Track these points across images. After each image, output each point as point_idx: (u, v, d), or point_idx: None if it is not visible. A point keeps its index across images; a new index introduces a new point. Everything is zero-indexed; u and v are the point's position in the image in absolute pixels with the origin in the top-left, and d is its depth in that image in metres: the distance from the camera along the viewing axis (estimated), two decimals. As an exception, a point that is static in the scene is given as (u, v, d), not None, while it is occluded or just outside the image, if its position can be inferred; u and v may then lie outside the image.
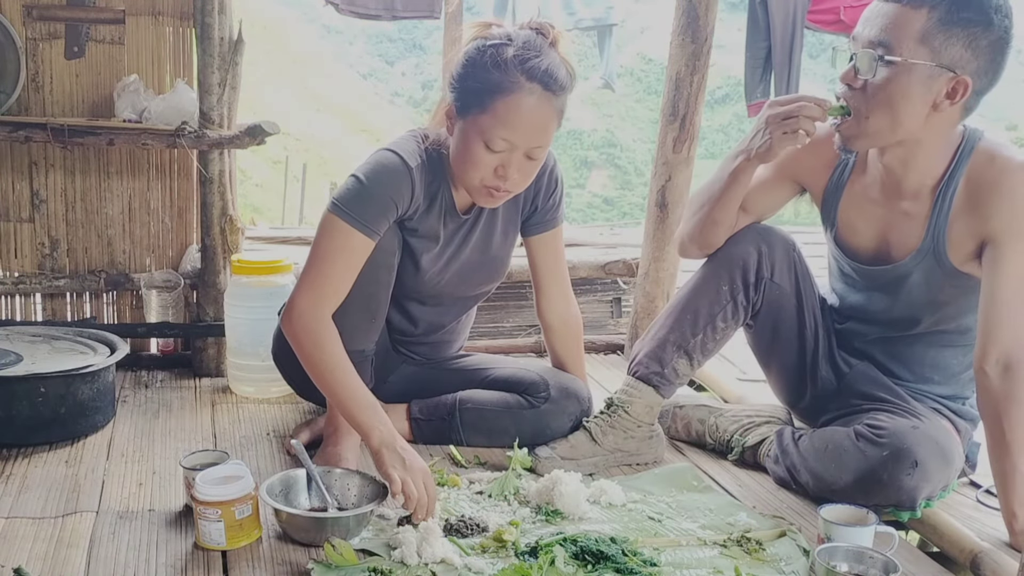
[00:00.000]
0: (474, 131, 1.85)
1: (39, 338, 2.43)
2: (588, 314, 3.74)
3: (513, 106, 1.81)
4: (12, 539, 1.69)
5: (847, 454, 1.89)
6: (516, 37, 1.85)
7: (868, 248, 2.02)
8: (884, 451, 1.84)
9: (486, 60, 1.83)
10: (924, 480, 1.83)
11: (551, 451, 2.08)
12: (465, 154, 1.88)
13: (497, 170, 1.86)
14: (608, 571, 1.61)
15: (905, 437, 1.84)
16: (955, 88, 1.75)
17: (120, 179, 2.76)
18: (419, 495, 1.74)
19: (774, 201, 2.13)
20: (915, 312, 2.00)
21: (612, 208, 25.76)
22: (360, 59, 30.80)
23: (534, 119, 1.83)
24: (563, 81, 1.85)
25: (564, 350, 2.29)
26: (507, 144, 1.83)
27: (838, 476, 1.89)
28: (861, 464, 1.87)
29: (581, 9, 4.96)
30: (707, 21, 2.85)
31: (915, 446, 1.83)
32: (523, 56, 1.81)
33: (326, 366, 1.87)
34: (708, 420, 2.24)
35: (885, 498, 1.85)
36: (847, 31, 4.58)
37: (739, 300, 2.07)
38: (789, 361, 2.16)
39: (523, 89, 1.81)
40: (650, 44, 28.00)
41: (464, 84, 1.87)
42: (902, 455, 1.82)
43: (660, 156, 2.98)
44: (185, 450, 2.04)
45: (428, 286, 2.12)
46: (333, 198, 1.93)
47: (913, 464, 1.82)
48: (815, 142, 1.93)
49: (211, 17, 2.53)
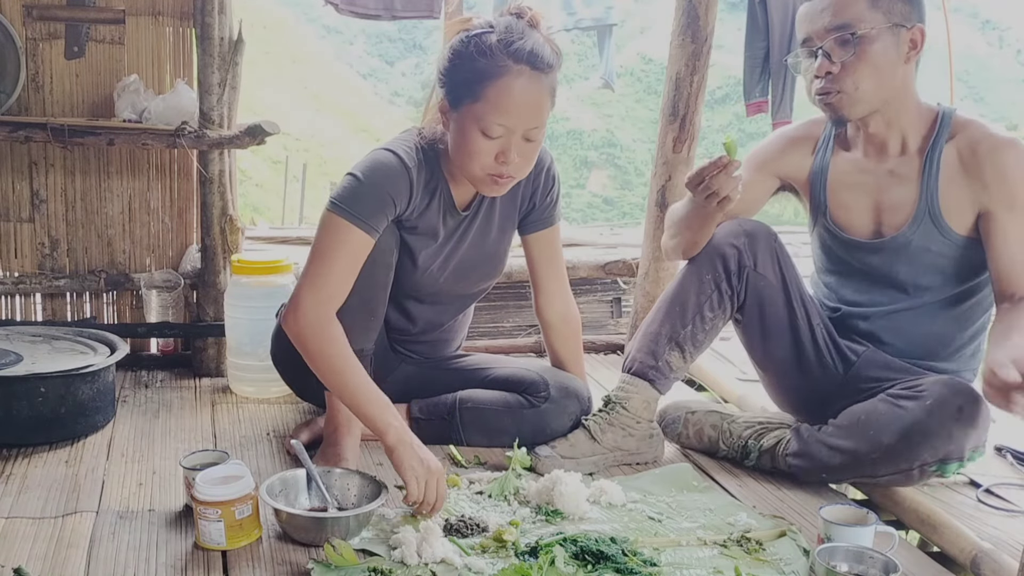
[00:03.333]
0: (469, 121, 1.85)
1: (39, 338, 2.43)
2: (588, 314, 3.73)
3: (504, 89, 1.82)
4: (12, 539, 1.69)
5: (885, 417, 1.92)
6: (497, 24, 1.87)
7: (863, 224, 2.09)
8: (927, 400, 1.89)
9: (471, 50, 1.85)
10: (971, 426, 1.88)
11: (551, 450, 2.07)
12: (464, 145, 1.88)
13: (498, 156, 1.87)
14: (608, 571, 1.61)
15: (945, 386, 1.91)
16: (914, 39, 1.94)
17: (120, 179, 2.76)
18: (434, 496, 1.77)
19: (756, 197, 2.21)
20: (918, 279, 2.05)
21: (612, 208, 25.75)
22: (360, 59, 30.80)
23: (526, 100, 1.84)
24: (549, 59, 1.87)
25: (563, 348, 2.29)
26: (504, 129, 1.84)
27: (877, 442, 1.92)
28: (905, 421, 1.90)
29: (581, 9, 4.95)
30: (707, 21, 2.85)
31: (953, 394, 1.90)
32: (507, 39, 1.83)
33: (335, 365, 1.87)
34: (721, 426, 2.19)
35: (933, 451, 1.89)
36: (847, 31, 4.58)
37: (723, 289, 2.09)
38: (784, 354, 2.15)
39: (511, 71, 1.82)
40: (650, 44, 28.00)
41: (453, 76, 1.88)
42: (947, 402, 1.88)
43: (660, 156, 2.98)
44: (185, 450, 2.05)
45: (427, 284, 2.12)
46: (332, 197, 1.93)
47: (959, 408, 1.88)
48: (791, 138, 2.16)
49: (211, 17, 2.53)
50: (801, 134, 2.20)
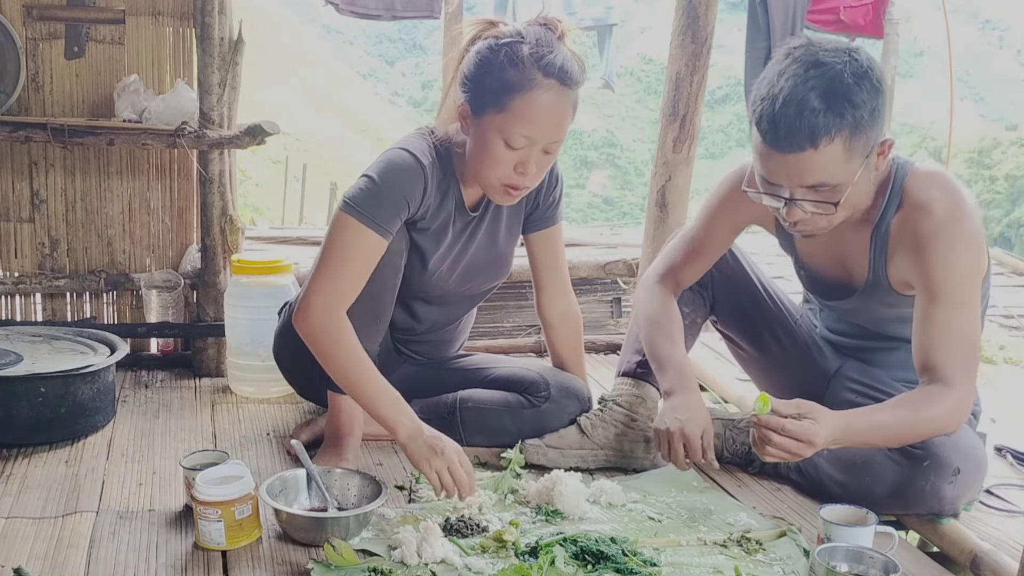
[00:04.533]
0: (493, 130, 1.85)
1: (39, 338, 2.43)
2: (588, 314, 3.73)
3: (532, 103, 1.82)
4: (12, 539, 1.69)
5: (880, 467, 1.87)
6: (528, 34, 1.85)
7: (831, 269, 2.02)
8: (924, 461, 1.82)
9: (501, 59, 1.83)
10: (966, 487, 1.84)
11: (539, 440, 2.09)
12: (484, 153, 1.88)
13: (516, 167, 1.87)
14: (608, 571, 1.61)
15: (943, 446, 1.82)
16: (883, 152, 1.77)
17: (120, 179, 2.76)
18: (458, 478, 1.79)
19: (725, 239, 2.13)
20: (883, 328, 2.03)
21: (612, 208, 25.77)
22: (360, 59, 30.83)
23: (552, 114, 1.84)
24: (576, 75, 1.87)
25: (564, 348, 2.30)
26: (527, 141, 1.84)
27: (871, 488, 1.87)
28: (898, 476, 1.85)
29: (581, 9, 4.95)
30: (707, 21, 2.86)
31: (954, 454, 1.82)
32: (538, 53, 1.82)
33: (346, 364, 1.87)
34: (724, 434, 2.17)
35: (926, 507, 1.86)
36: (847, 31, 4.59)
37: (693, 287, 2.16)
38: (769, 348, 2.16)
39: (541, 86, 1.82)
40: (650, 44, 28.03)
41: (479, 84, 1.87)
42: (943, 464, 1.82)
43: (660, 156, 2.99)
44: (185, 450, 2.04)
45: (435, 285, 2.12)
46: (346, 198, 1.91)
47: (955, 472, 1.82)
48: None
49: (211, 17, 2.53)
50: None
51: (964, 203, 1.79)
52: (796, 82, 1.67)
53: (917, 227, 1.80)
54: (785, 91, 1.67)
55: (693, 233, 2.12)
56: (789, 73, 1.69)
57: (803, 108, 1.65)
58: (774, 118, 1.68)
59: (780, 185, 1.75)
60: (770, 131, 1.69)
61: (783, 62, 1.72)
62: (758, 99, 1.72)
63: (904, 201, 1.84)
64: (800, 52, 1.71)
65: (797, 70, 1.68)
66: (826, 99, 1.65)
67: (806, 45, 1.73)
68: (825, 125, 1.65)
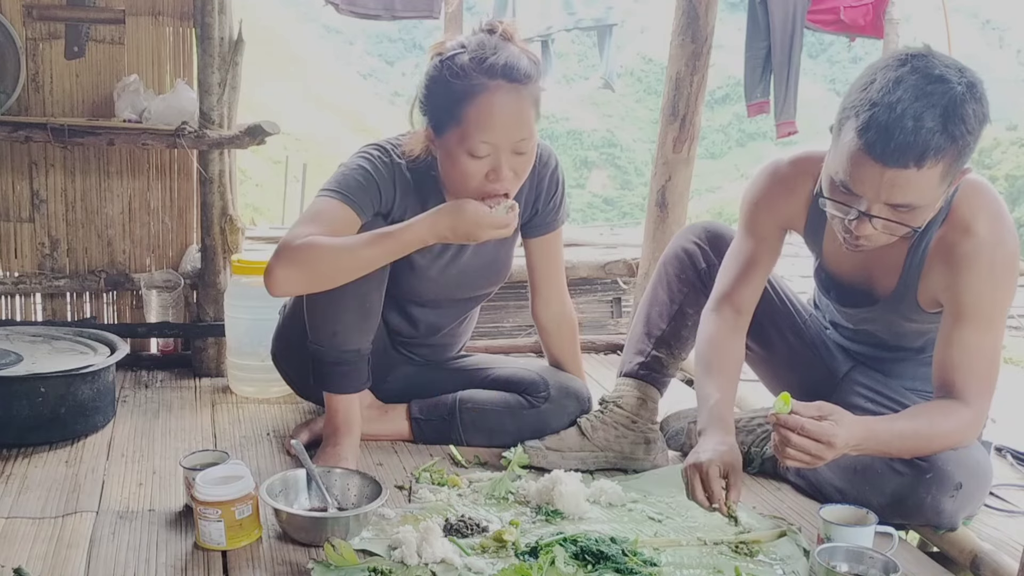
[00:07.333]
0: (455, 144, 1.85)
1: (39, 338, 2.43)
2: (588, 314, 3.74)
3: (484, 108, 1.81)
4: (12, 539, 1.69)
5: (880, 477, 1.84)
6: (469, 42, 1.86)
7: (854, 279, 1.97)
8: (927, 474, 1.79)
9: (444, 73, 1.84)
10: (967, 501, 1.82)
11: (539, 442, 2.08)
12: (453, 169, 1.88)
13: (488, 175, 1.86)
14: (608, 571, 1.61)
15: (947, 460, 1.78)
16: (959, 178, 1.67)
17: (120, 179, 2.76)
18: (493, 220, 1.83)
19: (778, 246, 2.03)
20: (900, 342, 2.00)
21: (612, 208, 25.76)
22: (360, 59, 30.83)
23: (508, 114, 1.83)
24: (526, 70, 1.85)
25: (559, 350, 2.30)
26: (489, 147, 1.84)
27: (871, 497, 1.84)
28: (898, 487, 1.82)
29: (581, 9, 4.95)
30: (707, 21, 2.86)
31: (958, 469, 1.79)
32: (479, 56, 1.82)
33: (333, 251, 1.84)
34: None
35: (924, 519, 1.83)
36: (847, 31, 4.59)
37: (696, 285, 2.12)
38: (776, 347, 2.14)
39: (488, 88, 1.81)
40: (650, 44, 28.02)
41: (432, 103, 1.88)
42: (945, 478, 1.78)
43: (660, 156, 2.99)
44: (185, 450, 2.04)
45: (426, 289, 2.12)
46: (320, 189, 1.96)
47: (957, 487, 1.79)
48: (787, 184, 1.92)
49: (211, 17, 2.53)
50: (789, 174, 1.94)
51: (1007, 227, 1.75)
52: (916, 94, 1.54)
53: (957, 246, 1.74)
54: (904, 102, 1.54)
55: (738, 248, 2.00)
56: (909, 83, 1.55)
57: (920, 124, 1.53)
58: (887, 128, 1.54)
59: (860, 197, 1.62)
60: (879, 141, 1.55)
61: (899, 68, 1.58)
62: (866, 102, 1.57)
63: (948, 216, 1.76)
64: (919, 62, 1.58)
65: (918, 82, 1.55)
66: (944, 119, 1.54)
67: (925, 55, 1.59)
68: (936, 146, 1.54)
